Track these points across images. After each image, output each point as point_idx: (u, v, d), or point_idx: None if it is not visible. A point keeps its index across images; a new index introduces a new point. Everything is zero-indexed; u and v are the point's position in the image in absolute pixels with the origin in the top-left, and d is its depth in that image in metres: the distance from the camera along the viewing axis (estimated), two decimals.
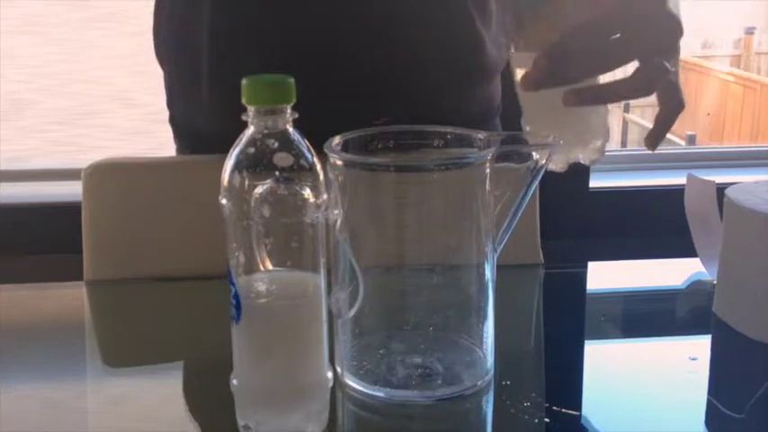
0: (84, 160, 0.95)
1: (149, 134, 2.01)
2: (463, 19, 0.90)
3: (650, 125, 0.72)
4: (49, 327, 0.82)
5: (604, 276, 0.98)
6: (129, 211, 0.93)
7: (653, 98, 0.71)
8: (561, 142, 0.62)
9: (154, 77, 1.02)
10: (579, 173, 1.50)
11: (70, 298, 0.90)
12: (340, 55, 0.87)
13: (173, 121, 1.00)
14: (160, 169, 0.95)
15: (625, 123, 6.78)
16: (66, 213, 1.00)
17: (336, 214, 0.62)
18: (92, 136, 2.08)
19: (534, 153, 0.64)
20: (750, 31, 7.31)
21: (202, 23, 0.89)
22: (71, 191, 1.28)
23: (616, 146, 6.85)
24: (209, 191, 0.59)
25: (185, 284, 0.87)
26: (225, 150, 0.57)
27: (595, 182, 1.53)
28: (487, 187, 0.63)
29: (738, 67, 6.73)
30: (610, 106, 0.73)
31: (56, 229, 1.25)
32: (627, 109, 6.81)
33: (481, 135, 0.66)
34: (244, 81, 0.55)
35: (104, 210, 0.93)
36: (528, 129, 0.68)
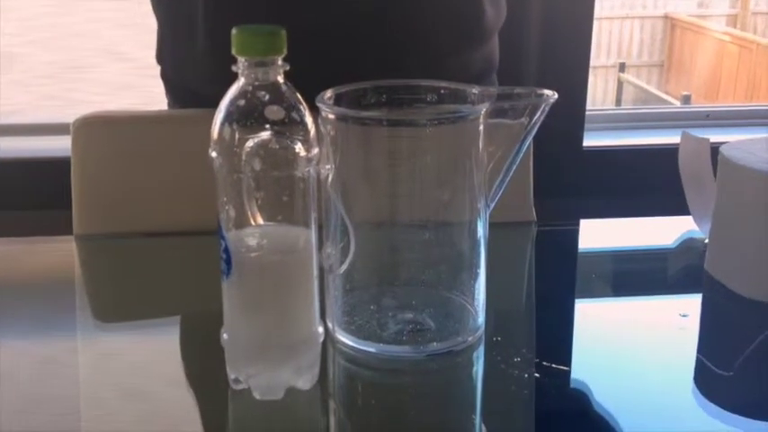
0: (73, 115, 0.94)
1: (140, 88, 1.99)
2: None
3: (645, 85, 0.70)
4: (39, 282, 0.82)
5: (596, 235, 0.98)
6: (118, 165, 0.92)
7: (648, 58, 0.70)
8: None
9: (145, 31, 1.01)
10: (573, 131, 1.49)
11: (60, 252, 0.90)
12: (339, 17, 0.86)
13: (164, 75, 0.99)
14: (149, 123, 0.94)
15: (620, 83, 6.76)
16: (56, 168, 0.99)
17: (328, 169, 0.61)
18: (82, 90, 2.06)
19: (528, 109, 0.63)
20: None
21: None
22: (60, 145, 1.27)
23: (611, 104, 6.84)
24: (199, 145, 0.58)
25: (175, 239, 0.87)
26: (217, 105, 0.56)
27: (589, 140, 1.52)
28: (481, 143, 0.63)
29: (735, 27, 6.69)
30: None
31: (45, 185, 1.24)
32: (622, 69, 6.79)
33: (475, 90, 0.65)
34: (234, 31, 0.54)
35: (93, 163, 0.92)
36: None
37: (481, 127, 0.62)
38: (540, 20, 1.45)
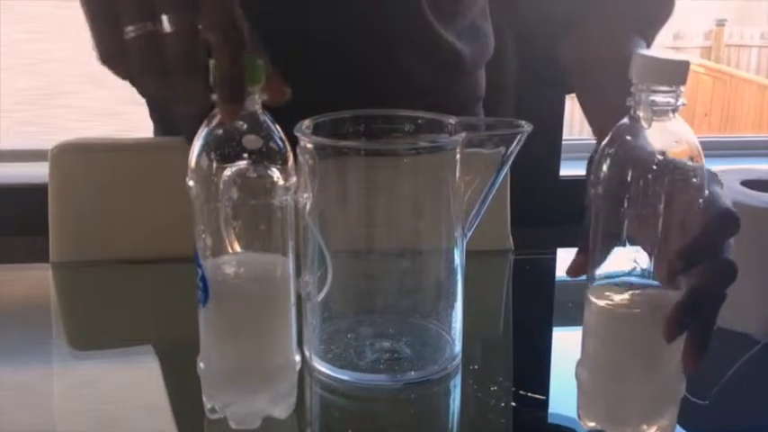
0: (51, 141, 0.93)
1: (120, 116, 1.98)
2: (423, 27, 0.88)
3: None
4: (14, 309, 0.81)
5: None
6: (96, 192, 0.92)
7: None
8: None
9: None
10: (549, 160, 1.50)
11: (36, 280, 0.89)
12: (318, 50, 0.86)
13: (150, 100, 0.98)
14: (127, 150, 0.94)
15: None
16: (33, 195, 0.98)
17: (306, 197, 0.62)
18: (61, 117, 2.05)
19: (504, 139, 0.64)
20: (721, 23, 7.37)
21: None
22: (38, 172, 1.27)
23: (587, 133, 6.89)
24: (176, 173, 0.58)
25: (152, 267, 0.86)
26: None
27: (566, 170, 1.54)
28: (458, 173, 0.63)
29: (709, 59, 6.78)
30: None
31: (22, 211, 1.23)
32: None
33: (452, 120, 0.66)
34: (211, 60, 0.54)
35: (71, 191, 0.92)
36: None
37: (458, 156, 0.63)
38: (518, 51, 1.47)
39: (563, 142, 1.52)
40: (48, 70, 2.10)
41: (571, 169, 1.56)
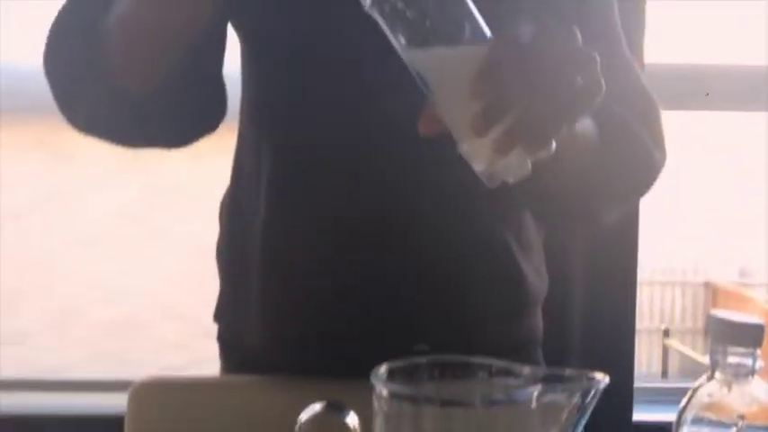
0: (123, 372, 0.96)
1: (189, 348, 2.03)
2: (504, 252, 0.92)
3: (691, 352, 0.70)
4: None
5: None
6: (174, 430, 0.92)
7: (692, 324, 0.70)
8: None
9: (202, 293, 1.05)
10: (622, 405, 1.47)
11: None
12: (383, 283, 0.89)
13: (220, 336, 1.01)
14: (206, 389, 0.96)
15: (665, 349, 6.67)
16: (108, 427, 1.00)
17: None
18: (135, 348, 2.11)
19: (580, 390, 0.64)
20: None
21: (256, 235, 0.92)
22: (112, 402, 1.29)
23: (656, 371, 6.70)
24: (251, 413, 0.59)
25: None
26: (272, 370, 0.58)
27: (639, 414, 1.50)
28: (533, 424, 0.63)
29: None
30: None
31: None
32: (666, 334, 6.73)
33: (526, 369, 0.66)
34: None
35: (148, 429, 0.93)
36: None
37: (533, 408, 0.63)
38: (583, 290, 1.48)
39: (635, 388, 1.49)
40: (126, 302, 2.19)
41: (644, 413, 1.52)
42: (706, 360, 0.60)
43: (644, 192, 0.94)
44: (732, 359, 0.53)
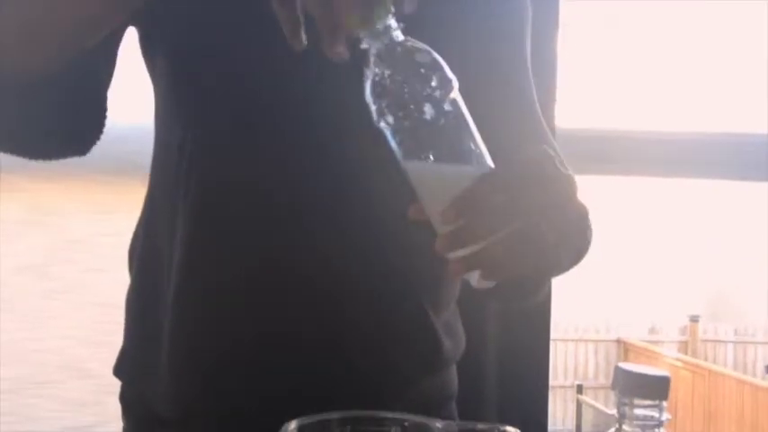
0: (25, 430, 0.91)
1: (96, 406, 1.96)
2: (418, 313, 0.91)
3: (603, 407, 0.72)
4: None
5: None
6: None
7: (605, 380, 0.72)
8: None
9: (111, 349, 1.02)
10: None
11: None
12: (294, 349, 0.87)
13: (122, 394, 0.97)
14: None
15: (578, 404, 6.77)
16: None
17: None
18: (39, 406, 2.03)
19: None
20: (695, 319, 7.57)
21: (167, 297, 0.90)
22: None
23: (570, 425, 6.78)
24: None
25: None
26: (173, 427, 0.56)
27: None
28: None
29: (686, 353, 6.88)
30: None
31: None
32: (580, 390, 6.83)
33: (439, 424, 0.66)
34: None
35: None
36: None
37: None
38: (497, 347, 1.49)
39: None
40: (31, 360, 2.11)
41: None
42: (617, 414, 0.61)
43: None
44: (639, 411, 0.55)
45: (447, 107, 0.64)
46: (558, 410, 6.88)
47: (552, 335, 1.52)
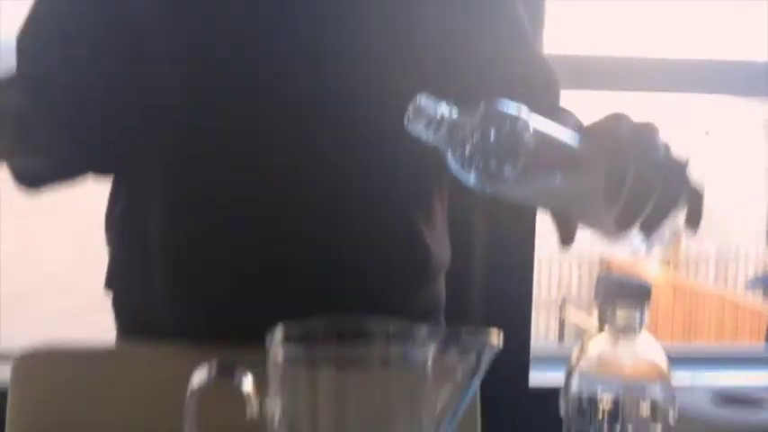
0: (12, 346, 0.92)
1: (84, 319, 1.97)
2: (410, 231, 0.93)
3: (584, 325, 0.73)
4: None
5: None
6: (60, 402, 0.89)
7: (588, 296, 0.73)
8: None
9: (96, 264, 1.01)
10: (518, 371, 1.50)
11: None
12: (285, 263, 0.89)
13: (114, 303, 0.98)
14: (97, 358, 0.92)
15: (562, 319, 6.90)
16: None
17: (275, 407, 0.61)
18: (24, 321, 2.03)
19: (475, 350, 0.64)
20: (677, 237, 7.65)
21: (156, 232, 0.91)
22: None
23: (553, 340, 6.93)
24: (147, 382, 0.58)
25: None
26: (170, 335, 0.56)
27: (535, 377, 1.53)
28: (429, 384, 0.63)
29: (668, 270, 6.97)
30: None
31: None
32: (564, 305, 6.95)
33: (423, 330, 0.66)
34: None
35: (33, 401, 0.89)
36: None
37: (429, 367, 0.63)
38: (484, 260, 1.50)
39: (531, 352, 1.53)
40: (15, 274, 2.10)
41: (540, 380, 1.55)
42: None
43: None
44: (620, 317, 0.55)
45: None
46: (542, 325, 7.01)
47: (537, 253, 1.53)
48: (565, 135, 0.65)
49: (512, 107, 0.64)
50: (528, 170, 0.63)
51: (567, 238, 0.67)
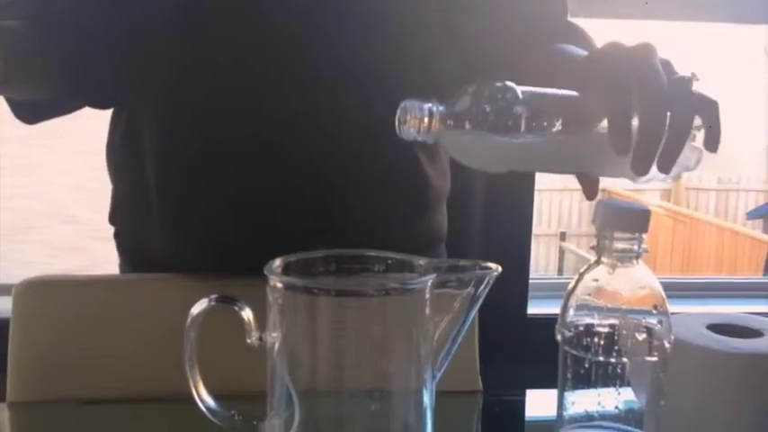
0: (15, 276, 0.93)
1: (87, 251, 1.98)
2: (411, 164, 0.93)
3: (585, 253, 0.73)
4: None
5: (542, 404, 0.98)
6: (61, 330, 0.90)
7: (588, 228, 0.73)
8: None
9: (97, 195, 1.01)
10: (517, 299, 1.51)
11: None
12: (285, 196, 0.89)
13: (117, 236, 0.99)
14: (97, 288, 0.93)
15: (561, 252, 6.93)
16: None
17: (275, 337, 0.61)
18: (27, 251, 2.04)
19: (473, 280, 0.65)
20: None
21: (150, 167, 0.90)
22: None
23: (553, 272, 6.98)
24: (146, 311, 0.58)
25: (116, 407, 0.84)
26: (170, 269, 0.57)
27: (533, 309, 1.54)
28: (427, 313, 0.64)
29: (669, 201, 6.97)
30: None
31: None
32: (563, 237, 6.98)
33: (422, 261, 0.66)
34: None
35: (34, 329, 0.90)
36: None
37: (428, 297, 0.63)
38: (484, 191, 1.50)
39: (530, 281, 1.54)
40: (16, 206, 2.10)
41: (538, 307, 1.57)
42: None
43: None
44: (618, 244, 0.54)
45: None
46: (542, 257, 7.04)
47: (537, 185, 1.53)
48: (560, 92, 0.64)
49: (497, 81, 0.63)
50: (538, 122, 0.62)
51: (591, 193, 0.66)
